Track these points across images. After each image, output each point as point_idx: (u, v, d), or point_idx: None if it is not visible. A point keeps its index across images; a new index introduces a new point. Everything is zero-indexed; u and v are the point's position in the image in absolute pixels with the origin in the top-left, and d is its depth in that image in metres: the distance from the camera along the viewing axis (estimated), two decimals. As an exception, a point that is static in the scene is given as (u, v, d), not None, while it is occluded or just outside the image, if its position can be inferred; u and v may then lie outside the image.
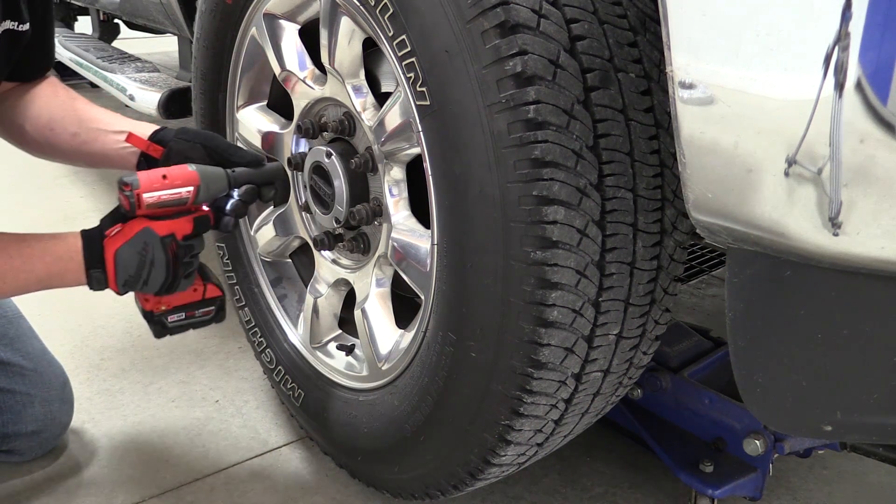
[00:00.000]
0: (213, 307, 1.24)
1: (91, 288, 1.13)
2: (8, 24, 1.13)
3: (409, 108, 1.01)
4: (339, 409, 1.35)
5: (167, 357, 1.88)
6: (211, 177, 1.12)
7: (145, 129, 1.28)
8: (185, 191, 1.09)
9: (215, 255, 1.65)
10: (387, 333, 1.26)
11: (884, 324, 0.70)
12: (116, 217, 1.12)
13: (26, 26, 1.17)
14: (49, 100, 1.31)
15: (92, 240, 1.10)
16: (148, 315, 1.21)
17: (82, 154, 1.32)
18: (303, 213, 1.45)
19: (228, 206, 1.16)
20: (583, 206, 0.88)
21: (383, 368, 1.25)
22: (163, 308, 1.19)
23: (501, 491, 1.42)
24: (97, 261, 1.10)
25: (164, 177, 1.08)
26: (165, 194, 1.08)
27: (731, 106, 0.68)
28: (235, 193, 1.16)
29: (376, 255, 1.26)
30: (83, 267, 1.10)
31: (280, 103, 1.47)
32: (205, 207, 1.16)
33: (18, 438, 1.44)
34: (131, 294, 1.19)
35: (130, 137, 1.23)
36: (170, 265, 1.11)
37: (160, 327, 1.21)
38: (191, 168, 1.11)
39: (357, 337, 1.37)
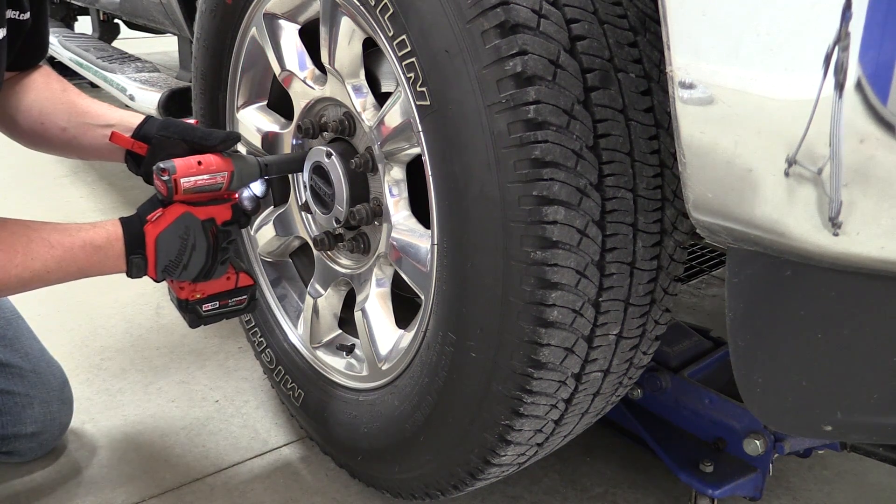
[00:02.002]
0: (245, 296, 1.26)
1: (129, 275, 1.14)
2: (11, 14, 1.14)
3: (409, 108, 1.01)
4: (339, 409, 1.35)
5: (167, 357, 1.88)
6: (244, 164, 1.17)
7: (132, 121, 1.28)
8: (220, 176, 1.13)
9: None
10: (387, 333, 1.26)
11: (884, 324, 0.70)
12: (155, 203, 1.13)
13: (27, 15, 1.17)
14: (40, 91, 1.31)
15: (132, 226, 1.12)
16: (183, 304, 1.22)
17: (73, 148, 1.33)
18: (303, 213, 1.45)
19: (260, 194, 1.24)
20: (583, 207, 0.88)
21: (383, 368, 1.25)
22: (197, 296, 1.21)
23: (501, 491, 1.42)
24: (138, 246, 1.11)
25: (200, 163, 1.12)
26: (202, 179, 1.11)
27: (731, 106, 0.68)
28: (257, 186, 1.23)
29: (376, 255, 1.26)
30: (123, 253, 1.11)
31: (280, 103, 1.47)
32: (235, 195, 1.19)
33: (18, 440, 1.44)
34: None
35: (114, 137, 1.24)
36: (210, 250, 1.14)
37: (195, 316, 1.23)
38: (224, 155, 1.15)
39: (357, 337, 1.37)
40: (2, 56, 1.12)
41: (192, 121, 1.28)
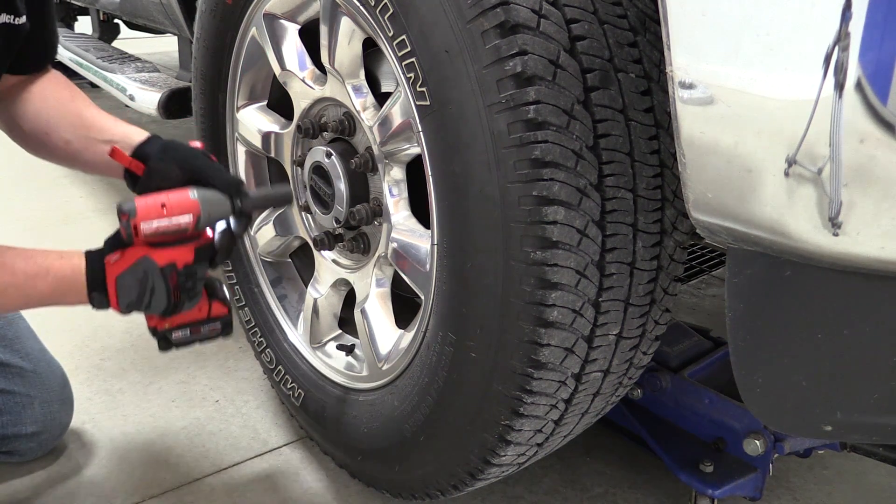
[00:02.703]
0: (219, 323, 1.21)
1: (94, 307, 1.11)
2: (4, 18, 1.12)
3: (409, 108, 1.01)
4: (339, 409, 1.35)
5: (167, 357, 1.88)
6: (213, 203, 1.09)
7: (136, 138, 1.24)
8: (185, 220, 1.06)
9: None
10: (387, 333, 1.26)
11: (884, 324, 0.70)
12: (117, 241, 1.09)
13: (23, 19, 1.15)
14: (48, 100, 1.29)
15: (94, 262, 1.09)
16: (153, 331, 1.18)
17: (77, 161, 1.30)
18: (303, 213, 1.45)
19: (234, 229, 1.15)
20: (583, 207, 0.88)
21: (383, 368, 1.25)
22: (167, 326, 1.17)
23: (501, 491, 1.42)
24: (99, 283, 1.09)
25: (163, 205, 1.05)
26: (164, 224, 1.05)
27: (731, 106, 0.68)
28: (233, 222, 1.14)
29: (376, 255, 1.26)
30: (86, 288, 1.09)
31: (280, 103, 1.47)
32: (208, 232, 1.12)
33: (18, 440, 1.44)
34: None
35: (114, 153, 1.21)
36: (170, 293, 1.09)
37: (165, 342, 1.19)
38: (192, 196, 1.07)
39: (357, 337, 1.37)
40: None
41: (197, 143, 1.24)
